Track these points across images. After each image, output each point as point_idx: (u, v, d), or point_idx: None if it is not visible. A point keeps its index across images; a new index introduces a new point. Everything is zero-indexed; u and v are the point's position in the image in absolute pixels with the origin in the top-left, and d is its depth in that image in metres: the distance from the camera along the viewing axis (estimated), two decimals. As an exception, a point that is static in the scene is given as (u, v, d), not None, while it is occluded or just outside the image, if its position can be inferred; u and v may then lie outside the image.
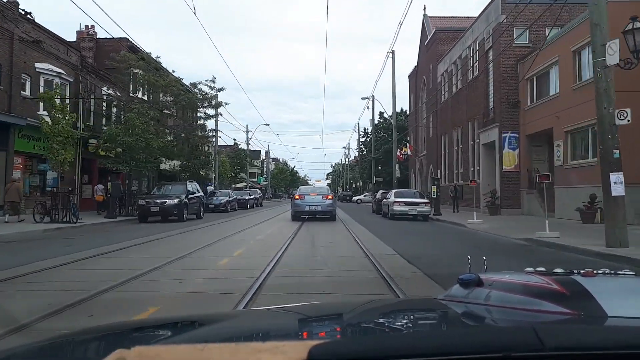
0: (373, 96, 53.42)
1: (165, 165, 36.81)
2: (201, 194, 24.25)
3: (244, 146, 58.87)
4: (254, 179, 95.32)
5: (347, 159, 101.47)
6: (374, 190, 56.11)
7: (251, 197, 41.25)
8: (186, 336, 1.43)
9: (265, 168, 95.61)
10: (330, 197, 22.17)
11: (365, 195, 66.05)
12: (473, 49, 30.70)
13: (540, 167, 25.12)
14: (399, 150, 51.31)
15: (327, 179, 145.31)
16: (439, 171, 39.22)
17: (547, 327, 1.12)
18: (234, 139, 52.70)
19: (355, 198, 68.63)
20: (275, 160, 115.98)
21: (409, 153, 44.78)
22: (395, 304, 2.42)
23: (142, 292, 6.41)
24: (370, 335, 1.29)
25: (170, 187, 22.64)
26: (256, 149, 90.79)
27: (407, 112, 61.85)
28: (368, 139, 78.28)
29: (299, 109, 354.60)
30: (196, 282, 7.11)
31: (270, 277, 7.36)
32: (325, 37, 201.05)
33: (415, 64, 52.11)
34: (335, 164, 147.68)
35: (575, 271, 1.53)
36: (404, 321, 1.40)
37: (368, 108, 54.82)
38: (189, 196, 22.01)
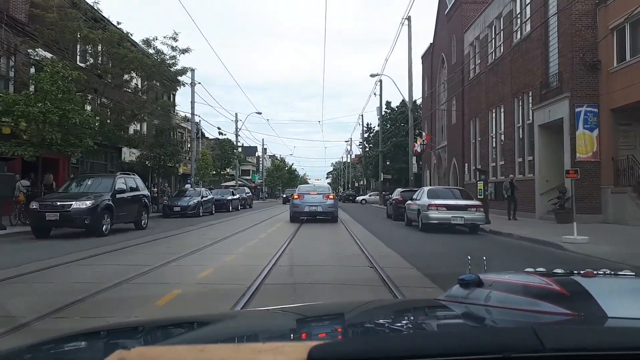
0: (381, 81, 46.00)
1: (132, 156, 29.28)
2: (143, 192, 16.53)
3: (232, 138, 51.07)
4: (247, 177, 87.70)
5: (348, 156, 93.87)
6: (381, 190, 48.56)
7: (235, 197, 33.56)
8: (186, 336, 1.42)
9: (260, 165, 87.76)
10: (331, 196, 20.13)
11: (370, 195, 58.43)
12: (522, 1, 23.13)
13: (636, 155, 17.55)
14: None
15: (327, 178, 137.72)
16: (465, 165, 31.67)
17: (547, 327, 1.10)
18: (219, 128, 44.81)
19: (359, 198, 60.71)
20: (273, 157, 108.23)
21: (426, 143, 37.02)
22: (396, 305, 2.36)
23: None
24: (370, 336, 1.28)
25: (89, 183, 14.93)
26: (252, 144, 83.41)
27: (418, 101, 54.19)
28: (372, 134, 70.95)
29: (299, 108, 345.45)
30: None
31: None
32: (324, 37, 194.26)
33: (431, 41, 44.61)
34: (336, 163, 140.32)
35: (575, 272, 1.50)
36: (404, 322, 1.45)
37: (375, 94, 47.24)
38: (118, 196, 14.39)
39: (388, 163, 52.30)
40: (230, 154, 45.96)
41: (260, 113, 48.23)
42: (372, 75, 34.00)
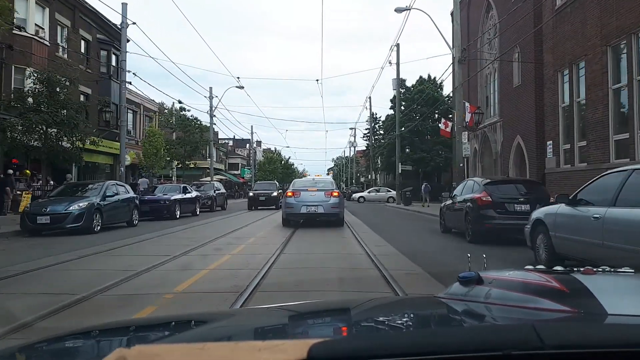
0: (398, 45, 34.41)
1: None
2: None
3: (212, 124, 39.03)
4: (236, 172, 76.21)
5: (352, 148, 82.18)
6: (400, 186, 36.85)
7: (188, 195, 21.84)
8: (186, 335, 1.39)
9: (250, 158, 76.08)
10: (335, 193, 15.77)
11: (369, 192, 46.53)
12: None
13: None
14: (440, 122, 32.85)
15: (328, 174, 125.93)
16: (549, 145, 20.04)
17: (546, 325, 1.09)
18: (180, 102, 32.93)
19: (355, 195, 47.97)
20: (268, 150, 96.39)
21: (481, 113, 25.07)
22: (396, 302, 2.36)
23: None
24: (370, 334, 1.26)
25: None
26: (245, 137, 72.06)
27: (435, 79, 42.61)
28: (379, 125, 59.40)
29: (298, 106, 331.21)
30: None
31: None
32: (322, 35, 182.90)
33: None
34: (337, 158, 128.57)
35: (575, 269, 1.48)
36: (404, 319, 1.41)
37: (390, 63, 35.63)
38: None
39: (408, 151, 40.60)
40: (197, 136, 34.03)
41: (242, 87, 36.16)
42: (398, 10, 22.32)
